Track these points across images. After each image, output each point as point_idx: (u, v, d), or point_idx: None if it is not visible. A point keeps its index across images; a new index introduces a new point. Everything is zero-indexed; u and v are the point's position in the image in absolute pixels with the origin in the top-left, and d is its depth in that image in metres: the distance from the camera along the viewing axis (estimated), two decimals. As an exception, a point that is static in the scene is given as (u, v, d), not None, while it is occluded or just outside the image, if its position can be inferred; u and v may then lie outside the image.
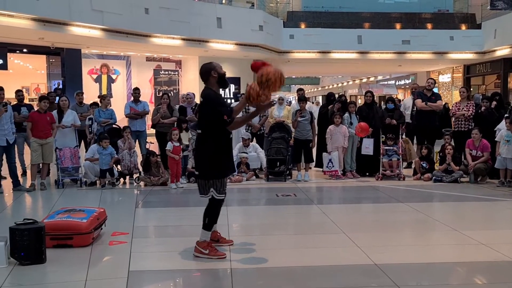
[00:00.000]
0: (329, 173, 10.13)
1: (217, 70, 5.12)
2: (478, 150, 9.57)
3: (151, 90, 22.25)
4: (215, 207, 5.15)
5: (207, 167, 5.03)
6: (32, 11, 13.73)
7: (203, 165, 5.07)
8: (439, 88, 27.93)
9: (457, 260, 5.14)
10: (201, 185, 5.10)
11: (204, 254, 5.06)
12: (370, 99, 10.61)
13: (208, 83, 5.14)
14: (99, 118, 10.21)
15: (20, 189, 8.91)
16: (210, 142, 5.00)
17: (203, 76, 5.15)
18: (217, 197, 5.06)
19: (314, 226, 6.80)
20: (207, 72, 5.12)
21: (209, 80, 5.12)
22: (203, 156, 5.05)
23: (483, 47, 23.23)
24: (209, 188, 5.04)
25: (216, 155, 5.01)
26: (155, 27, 17.62)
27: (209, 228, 5.16)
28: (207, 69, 5.14)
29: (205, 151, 5.03)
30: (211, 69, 5.11)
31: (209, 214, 5.13)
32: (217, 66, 5.17)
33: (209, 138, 5.01)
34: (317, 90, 53.32)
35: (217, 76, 5.10)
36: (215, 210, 5.15)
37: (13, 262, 4.87)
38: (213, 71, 5.09)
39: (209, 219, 5.13)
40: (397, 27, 23.80)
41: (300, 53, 23.31)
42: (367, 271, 4.73)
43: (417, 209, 7.38)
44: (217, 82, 5.13)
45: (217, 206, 5.15)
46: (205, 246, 5.09)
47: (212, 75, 5.09)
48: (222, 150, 5.07)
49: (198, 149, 5.19)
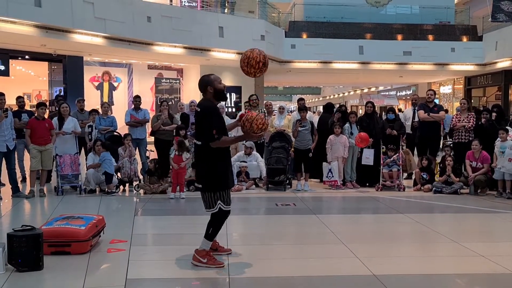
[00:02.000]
0: (329, 183, 10.11)
1: (214, 85, 5.07)
2: (478, 162, 9.56)
3: (153, 98, 22.31)
4: (221, 218, 5.12)
5: (212, 179, 4.99)
6: (35, 18, 13.80)
7: (207, 177, 5.01)
8: (440, 100, 27.97)
9: (457, 272, 5.11)
10: (208, 198, 5.02)
11: (203, 263, 5.04)
12: (371, 109, 10.61)
13: (205, 95, 5.14)
14: (99, 126, 10.22)
15: (19, 196, 8.90)
16: (211, 154, 4.96)
17: (201, 88, 5.15)
18: (224, 209, 5.04)
19: (314, 236, 6.78)
20: (204, 85, 5.10)
21: (206, 93, 5.12)
22: (206, 168, 5.00)
23: (484, 59, 23.31)
24: (217, 201, 5.00)
25: (218, 166, 4.99)
26: (157, 36, 17.71)
27: (211, 239, 5.14)
28: (204, 82, 5.11)
29: (207, 162, 4.99)
30: (208, 84, 5.07)
31: (214, 225, 5.10)
32: (216, 80, 5.11)
33: (209, 150, 4.96)
34: (318, 100, 53.44)
35: (213, 92, 5.08)
36: (220, 221, 5.13)
37: (10, 269, 4.85)
38: (209, 87, 5.07)
39: (213, 229, 5.11)
40: (399, 38, 23.89)
41: (302, 63, 23.37)
42: (366, 282, 4.70)
43: (417, 220, 7.36)
44: (213, 96, 5.11)
45: (224, 217, 5.13)
46: (203, 255, 5.07)
47: (208, 90, 5.08)
48: (223, 161, 5.05)
49: (200, 161, 5.13)
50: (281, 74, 26.01)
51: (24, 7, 13.38)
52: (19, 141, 9.70)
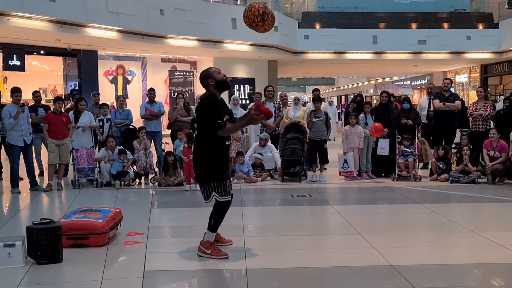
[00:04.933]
0: (344, 173, 10.08)
1: (213, 77, 5.08)
2: (495, 151, 9.46)
3: (166, 91, 22.35)
4: (221, 210, 5.13)
5: (206, 170, 5.02)
6: (49, 13, 13.89)
7: (201, 168, 5.06)
8: (455, 88, 27.69)
9: (474, 261, 5.09)
10: (202, 189, 5.10)
11: (207, 254, 5.08)
12: (386, 99, 10.54)
13: (208, 88, 5.16)
14: (115, 119, 10.27)
15: (37, 189, 9.00)
16: (206, 145, 4.99)
17: (202, 83, 5.18)
18: (220, 200, 5.06)
19: (329, 227, 6.78)
20: (204, 80, 5.13)
21: (208, 87, 5.14)
22: (200, 159, 5.04)
23: (500, 47, 22.99)
24: (211, 193, 5.04)
25: (213, 157, 4.98)
26: (170, 28, 17.73)
27: (215, 230, 5.17)
28: (204, 76, 5.14)
29: (202, 154, 5.02)
30: (208, 77, 5.10)
31: (215, 216, 5.12)
32: (215, 71, 5.13)
33: (205, 141, 5.00)
34: (332, 91, 53.18)
35: (214, 84, 5.09)
36: (220, 212, 5.13)
37: (30, 262, 4.91)
38: (210, 79, 5.09)
39: (215, 221, 5.13)
40: (413, 27, 23.66)
41: (315, 54, 23.27)
42: (383, 273, 4.69)
43: (433, 210, 7.31)
44: (215, 88, 5.11)
45: (223, 208, 5.13)
46: (207, 246, 5.11)
47: (209, 83, 5.10)
48: (219, 153, 5.04)
49: (195, 153, 5.17)
50: (294, 65, 25.94)
51: (39, 2, 13.48)
52: (36, 136, 9.79)
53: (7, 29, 13.97)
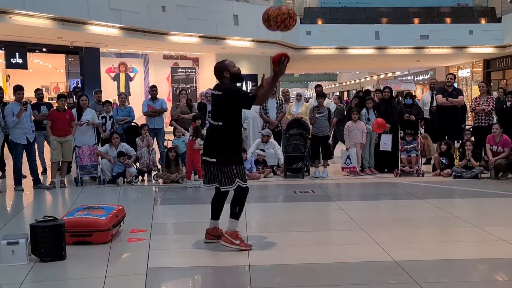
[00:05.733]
0: (347, 169, 10.07)
1: (229, 69, 5.24)
2: (498, 146, 9.43)
3: (169, 88, 22.35)
4: (243, 196, 5.25)
5: (229, 154, 5.14)
6: (51, 10, 13.89)
7: (225, 151, 5.14)
8: (458, 83, 27.62)
9: (478, 256, 5.08)
10: (225, 176, 5.15)
11: (235, 244, 5.13)
12: (388, 94, 10.51)
13: (222, 81, 5.29)
14: (117, 116, 10.27)
15: (40, 187, 9.02)
16: (230, 133, 5.16)
17: (217, 74, 5.31)
18: (243, 186, 5.17)
19: (333, 223, 6.79)
20: (220, 71, 5.27)
21: (223, 79, 5.27)
22: (224, 144, 5.15)
23: (503, 41, 22.89)
24: (235, 179, 5.13)
25: (235, 143, 5.21)
26: (172, 25, 17.70)
27: (238, 217, 5.24)
28: (220, 68, 5.28)
29: (226, 140, 5.15)
30: (224, 69, 5.24)
31: (238, 203, 5.23)
32: (230, 64, 5.28)
33: (228, 129, 5.15)
34: (335, 87, 53.12)
35: (229, 76, 5.24)
36: (243, 198, 5.25)
37: (34, 259, 4.92)
38: (225, 72, 5.23)
39: (239, 207, 5.23)
40: (415, 22, 23.57)
41: (317, 50, 23.20)
42: (386, 268, 4.69)
43: (436, 205, 7.30)
44: (230, 80, 5.26)
45: (245, 194, 5.26)
46: (235, 236, 5.17)
47: (225, 75, 5.24)
48: (238, 139, 5.32)
49: (217, 139, 5.21)
50: (297, 61, 25.85)
51: (40, 0, 13.47)
52: (39, 133, 9.80)
53: (9, 27, 13.97)
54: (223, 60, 5.36)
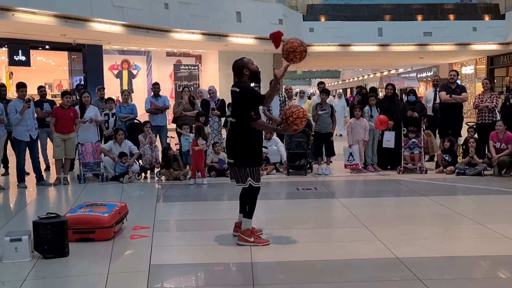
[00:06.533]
0: (350, 166, 10.06)
1: (249, 67, 5.31)
2: (502, 143, 9.41)
3: (172, 85, 22.35)
4: (254, 195, 5.31)
5: (243, 155, 5.18)
6: (54, 7, 13.91)
7: (240, 153, 5.20)
8: (461, 80, 27.55)
9: (481, 253, 5.07)
10: (238, 173, 5.24)
11: (250, 242, 5.18)
12: (391, 91, 10.50)
13: (241, 78, 5.34)
14: (120, 113, 10.27)
15: (43, 184, 9.04)
16: (245, 132, 5.18)
17: (237, 71, 5.35)
18: (254, 186, 5.23)
19: (335, 220, 6.78)
20: (239, 69, 5.33)
21: (242, 76, 5.32)
22: (240, 144, 5.21)
23: (507, 38, 22.82)
24: (247, 177, 5.20)
25: (251, 144, 5.21)
26: (175, 22, 17.70)
27: (251, 216, 5.29)
28: (239, 65, 5.34)
29: (241, 139, 5.20)
30: (243, 67, 5.31)
31: (249, 201, 5.31)
32: (249, 62, 5.37)
33: (243, 128, 5.19)
34: (338, 84, 53.04)
35: (249, 74, 5.31)
36: (253, 198, 5.32)
37: (36, 256, 4.93)
38: (245, 69, 5.30)
39: (250, 206, 5.30)
40: (419, 19, 23.53)
41: (320, 47, 23.16)
42: (389, 265, 4.69)
43: (439, 202, 7.29)
44: (249, 78, 5.35)
45: (255, 193, 5.32)
46: (249, 234, 5.21)
47: (244, 72, 5.30)
48: (255, 140, 5.28)
49: (233, 139, 5.30)
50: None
51: (43, -3, 13.51)
52: (42, 131, 9.81)
53: (12, 25, 13.99)
54: (242, 58, 5.42)
